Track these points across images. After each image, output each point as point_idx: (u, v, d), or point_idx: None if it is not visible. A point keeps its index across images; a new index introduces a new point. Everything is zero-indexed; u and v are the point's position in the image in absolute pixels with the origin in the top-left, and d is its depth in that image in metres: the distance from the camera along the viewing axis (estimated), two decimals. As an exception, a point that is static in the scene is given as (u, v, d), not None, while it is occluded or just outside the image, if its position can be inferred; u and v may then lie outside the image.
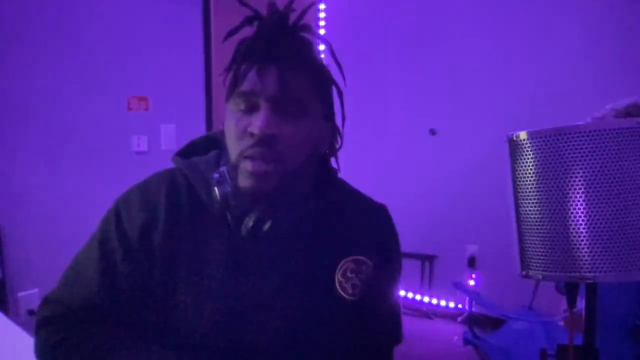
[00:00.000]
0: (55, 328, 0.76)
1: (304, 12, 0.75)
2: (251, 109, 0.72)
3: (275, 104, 0.71)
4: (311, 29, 0.75)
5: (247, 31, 0.74)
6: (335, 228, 0.82)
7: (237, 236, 0.75)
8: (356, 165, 1.95)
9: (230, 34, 0.73)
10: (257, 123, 0.69)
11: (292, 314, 0.78)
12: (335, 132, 0.82)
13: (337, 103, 0.81)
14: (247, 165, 0.71)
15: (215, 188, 0.74)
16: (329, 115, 0.81)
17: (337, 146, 0.84)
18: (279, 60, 0.71)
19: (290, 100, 0.71)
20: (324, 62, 0.80)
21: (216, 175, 0.75)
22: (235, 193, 0.73)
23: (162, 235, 0.77)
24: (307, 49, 0.75)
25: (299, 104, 0.72)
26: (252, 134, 0.70)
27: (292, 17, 0.73)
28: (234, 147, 0.73)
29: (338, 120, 0.83)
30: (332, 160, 0.87)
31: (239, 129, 0.72)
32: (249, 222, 0.73)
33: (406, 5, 3.29)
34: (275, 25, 0.71)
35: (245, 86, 0.72)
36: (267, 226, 0.72)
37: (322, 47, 0.76)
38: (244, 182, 0.72)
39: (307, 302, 0.78)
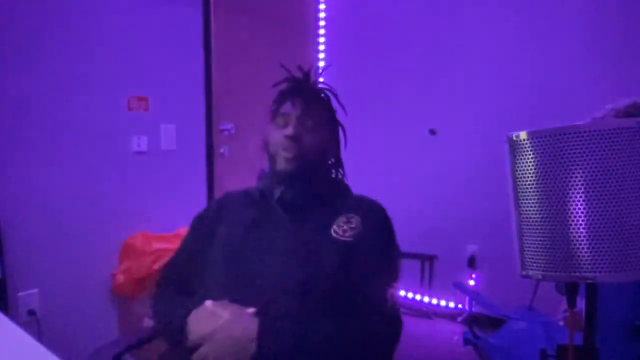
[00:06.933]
0: (155, 288, 1.25)
1: (320, 72, 1.35)
2: (286, 125, 1.17)
3: (300, 120, 1.16)
4: (325, 85, 1.26)
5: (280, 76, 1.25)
6: (335, 205, 1.19)
7: (265, 206, 1.19)
8: (356, 165, 1.95)
9: (275, 85, 1.23)
10: (290, 129, 1.15)
11: (297, 258, 1.08)
12: (338, 145, 1.27)
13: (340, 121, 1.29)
14: (282, 154, 1.16)
15: (259, 180, 1.26)
16: (334, 134, 1.26)
17: (340, 154, 1.28)
18: (303, 99, 1.18)
19: (309, 119, 1.17)
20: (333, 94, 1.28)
21: (258, 174, 1.26)
22: (269, 180, 1.20)
23: (214, 217, 1.25)
24: (321, 95, 1.24)
25: (314, 122, 1.18)
26: (286, 135, 1.15)
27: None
28: (276, 145, 1.18)
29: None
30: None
31: (279, 135, 1.17)
32: (277, 193, 1.17)
33: (406, 6, 3.29)
34: (301, 81, 1.22)
35: (282, 110, 1.19)
36: (288, 196, 1.16)
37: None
38: (280, 164, 1.16)
39: (308, 246, 1.09)
